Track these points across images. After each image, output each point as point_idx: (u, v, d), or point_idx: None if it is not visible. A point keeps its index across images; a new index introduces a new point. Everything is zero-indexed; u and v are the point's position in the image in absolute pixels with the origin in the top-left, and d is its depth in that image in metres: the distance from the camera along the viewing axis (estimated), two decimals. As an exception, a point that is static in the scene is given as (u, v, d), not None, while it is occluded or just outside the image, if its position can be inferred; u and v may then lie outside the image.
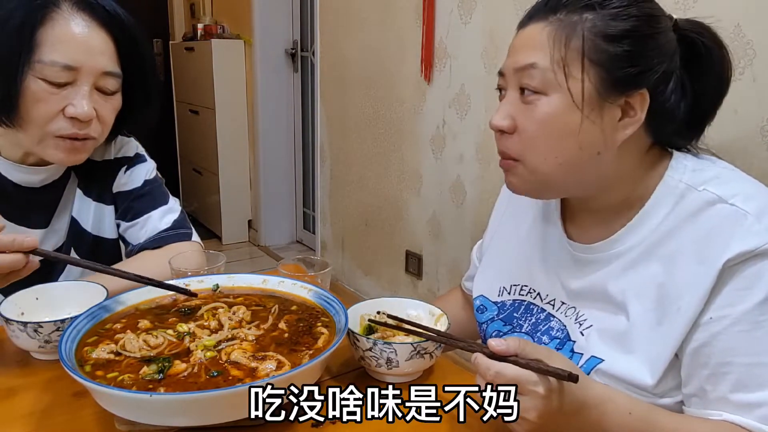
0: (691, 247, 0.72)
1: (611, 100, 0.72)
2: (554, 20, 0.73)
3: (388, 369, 0.78)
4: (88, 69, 0.93)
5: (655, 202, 0.77)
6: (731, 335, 0.68)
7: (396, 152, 2.54)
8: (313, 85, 3.29)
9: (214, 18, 4.00)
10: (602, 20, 0.72)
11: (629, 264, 0.78)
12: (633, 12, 0.72)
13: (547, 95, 0.73)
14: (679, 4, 1.38)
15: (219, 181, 3.85)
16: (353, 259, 2.97)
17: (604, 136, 0.73)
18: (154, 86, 1.09)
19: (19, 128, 0.95)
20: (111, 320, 0.83)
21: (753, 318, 0.67)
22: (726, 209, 0.70)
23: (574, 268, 0.85)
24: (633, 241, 0.78)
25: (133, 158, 1.18)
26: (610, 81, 0.71)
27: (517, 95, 0.76)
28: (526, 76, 0.74)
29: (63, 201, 1.12)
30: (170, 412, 0.64)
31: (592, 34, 0.71)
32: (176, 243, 1.13)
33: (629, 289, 0.77)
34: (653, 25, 0.73)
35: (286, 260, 1.03)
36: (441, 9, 2.16)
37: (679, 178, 0.76)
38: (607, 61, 0.71)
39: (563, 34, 0.72)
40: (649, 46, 0.72)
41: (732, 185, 0.73)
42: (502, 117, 0.77)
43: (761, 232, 0.67)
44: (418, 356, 0.77)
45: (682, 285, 0.72)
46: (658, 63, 0.72)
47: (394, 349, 0.76)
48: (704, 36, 0.78)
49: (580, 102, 0.72)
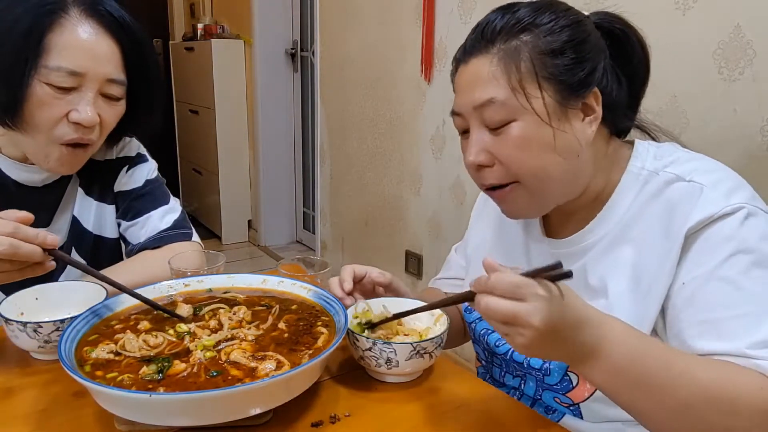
0: (657, 225, 0.77)
1: (572, 106, 0.77)
2: (496, 51, 0.77)
3: (387, 369, 0.78)
4: (93, 75, 0.94)
5: (622, 190, 0.82)
6: (705, 293, 0.71)
7: (396, 152, 2.54)
8: (313, 85, 3.29)
9: (214, 18, 4.00)
10: (540, 38, 0.76)
11: (603, 251, 0.82)
12: (563, 23, 0.77)
13: (516, 120, 0.76)
14: (679, 4, 1.38)
15: (219, 181, 3.85)
16: (353, 259, 2.97)
17: (577, 139, 0.78)
18: (158, 94, 1.10)
19: (23, 132, 0.95)
20: (111, 320, 0.83)
21: (722, 273, 0.70)
22: (684, 186, 0.75)
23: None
24: (605, 230, 0.82)
25: (134, 158, 1.19)
26: (566, 90, 0.76)
27: (483, 129, 0.79)
28: (487, 111, 0.77)
29: (64, 200, 1.12)
30: (170, 412, 0.64)
31: (536, 53, 0.76)
32: (176, 243, 1.13)
33: (606, 274, 0.81)
34: (583, 29, 0.78)
35: (285, 260, 1.03)
36: (441, 9, 2.16)
37: (642, 165, 0.81)
38: (559, 74, 0.76)
39: (511, 62, 0.76)
40: (587, 49, 0.77)
41: (689, 164, 0.78)
42: (477, 153, 0.79)
43: (717, 199, 0.72)
44: (418, 356, 0.77)
45: (652, 261, 0.76)
46: (597, 60, 0.78)
47: (394, 348, 0.76)
48: (617, 24, 0.83)
49: (547, 117, 0.76)
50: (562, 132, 0.76)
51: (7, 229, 0.76)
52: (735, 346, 0.67)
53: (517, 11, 0.78)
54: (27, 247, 0.80)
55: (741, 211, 0.71)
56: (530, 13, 0.77)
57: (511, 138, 0.76)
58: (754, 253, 0.70)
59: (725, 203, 0.71)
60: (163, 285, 0.91)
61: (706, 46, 1.34)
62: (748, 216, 0.71)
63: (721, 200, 0.72)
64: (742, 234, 0.70)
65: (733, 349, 0.67)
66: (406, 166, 2.48)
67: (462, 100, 0.80)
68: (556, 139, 0.76)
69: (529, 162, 0.77)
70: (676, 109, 1.41)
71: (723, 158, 0.80)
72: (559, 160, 0.77)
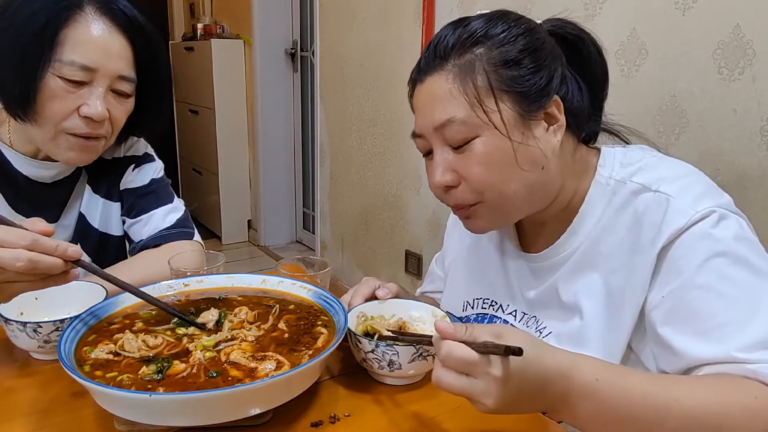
0: (626, 238, 0.75)
1: (534, 117, 0.75)
2: (450, 68, 0.75)
3: (390, 371, 0.77)
4: (104, 71, 0.96)
5: (590, 202, 0.80)
6: (686, 304, 0.69)
7: (396, 152, 2.54)
8: (312, 85, 3.29)
9: (214, 18, 4.00)
10: (494, 50, 0.74)
11: (575, 266, 0.81)
12: (516, 32, 0.75)
13: (479, 136, 0.75)
14: (679, 4, 1.38)
15: (219, 181, 3.85)
16: (353, 259, 2.97)
17: (541, 150, 0.76)
18: (167, 93, 1.12)
19: (34, 123, 0.97)
20: (110, 320, 0.83)
21: (700, 281, 0.68)
22: (649, 197, 0.74)
23: (530, 277, 0.88)
24: (575, 244, 0.81)
25: (141, 157, 1.21)
26: (526, 100, 0.74)
27: (446, 149, 0.77)
28: (449, 130, 0.75)
29: (73, 197, 1.14)
30: (169, 412, 0.64)
31: (491, 66, 0.74)
32: (177, 242, 1.14)
33: (579, 291, 0.80)
34: (537, 37, 0.76)
35: (285, 260, 1.03)
36: (441, 9, 2.16)
37: (609, 174, 0.80)
38: (517, 84, 0.74)
39: (466, 78, 0.74)
40: (543, 56, 0.75)
41: (655, 172, 0.76)
42: (443, 173, 0.78)
43: (684, 209, 0.71)
44: (421, 358, 0.77)
45: (624, 277, 0.75)
46: (555, 67, 0.76)
47: (397, 351, 0.76)
48: (570, 30, 0.82)
49: (506, 131, 0.74)
50: (526, 145, 0.75)
51: (26, 241, 0.73)
52: (723, 352, 0.65)
53: (468, 24, 0.76)
54: (46, 261, 0.75)
55: (711, 215, 0.70)
56: (482, 25, 0.76)
57: (474, 155, 0.75)
58: (729, 255, 0.68)
59: (693, 211, 0.70)
60: (162, 285, 0.91)
61: (706, 46, 1.34)
62: (720, 219, 0.70)
63: (689, 209, 0.70)
64: (715, 237, 0.69)
65: (722, 355, 0.65)
66: (406, 166, 2.48)
67: (422, 121, 0.79)
68: (519, 152, 0.74)
69: (494, 178, 0.75)
70: (676, 109, 1.41)
71: (723, 158, 0.80)
72: (524, 174, 0.76)
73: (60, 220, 1.12)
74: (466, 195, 0.78)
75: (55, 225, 1.11)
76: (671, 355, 0.70)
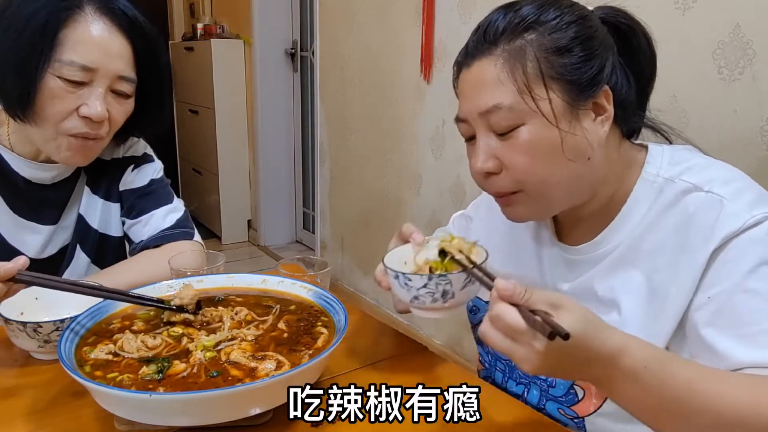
0: (673, 237, 0.74)
1: (582, 106, 0.74)
2: (500, 53, 0.73)
3: (443, 303, 0.72)
4: (104, 71, 0.96)
5: (635, 199, 0.78)
6: (733, 307, 0.68)
7: (396, 152, 2.54)
8: (312, 85, 3.29)
9: (214, 18, 4.00)
10: (546, 36, 0.73)
11: (615, 262, 0.79)
12: (569, 19, 0.73)
13: (525, 124, 0.73)
14: (679, 4, 1.38)
15: (219, 181, 3.85)
16: (353, 258, 2.97)
17: (588, 141, 0.74)
18: (167, 94, 1.11)
19: (33, 124, 0.97)
20: (110, 320, 0.83)
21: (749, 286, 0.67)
22: (701, 196, 0.72)
23: (564, 269, 0.86)
24: (617, 240, 0.79)
25: (140, 158, 1.20)
26: (575, 89, 0.73)
27: (491, 135, 0.76)
28: (494, 117, 0.74)
29: (72, 198, 1.14)
30: (169, 412, 0.64)
31: (542, 52, 0.72)
32: (177, 242, 1.13)
33: (618, 287, 0.78)
34: (590, 25, 0.75)
35: (285, 260, 1.02)
36: (441, 9, 2.16)
37: (656, 172, 0.78)
38: (567, 72, 0.72)
39: (517, 63, 0.72)
40: (595, 45, 0.74)
41: (706, 172, 0.75)
42: (485, 160, 0.76)
43: (739, 212, 0.69)
44: (471, 283, 0.72)
45: (669, 276, 0.73)
46: (606, 56, 0.75)
47: (450, 279, 0.71)
48: (622, 18, 0.80)
49: (555, 119, 0.72)
50: (572, 134, 0.73)
51: None
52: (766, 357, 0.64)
53: (519, 9, 0.75)
54: None
55: (766, 221, 0.68)
56: (534, 11, 0.74)
57: (519, 143, 0.73)
58: None
59: (749, 215, 0.68)
60: (162, 285, 0.91)
61: (706, 45, 1.34)
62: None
63: (745, 213, 0.69)
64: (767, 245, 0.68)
65: (765, 360, 0.64)
66: (406, 166, 2.48)
67: (467, 106, 0.77)
68: (565, 142, 0.73)
69: (537, 168, 0.74)
70: (676, 109, 1.41)
71: (723, 158, 0.80)
72: (569, 164, 0.74)
73: (59, 222, 1.12)
74: (507, 183, 0.76)
75: (56, 226, 1.11)
76: (713, 357, 0.69)
